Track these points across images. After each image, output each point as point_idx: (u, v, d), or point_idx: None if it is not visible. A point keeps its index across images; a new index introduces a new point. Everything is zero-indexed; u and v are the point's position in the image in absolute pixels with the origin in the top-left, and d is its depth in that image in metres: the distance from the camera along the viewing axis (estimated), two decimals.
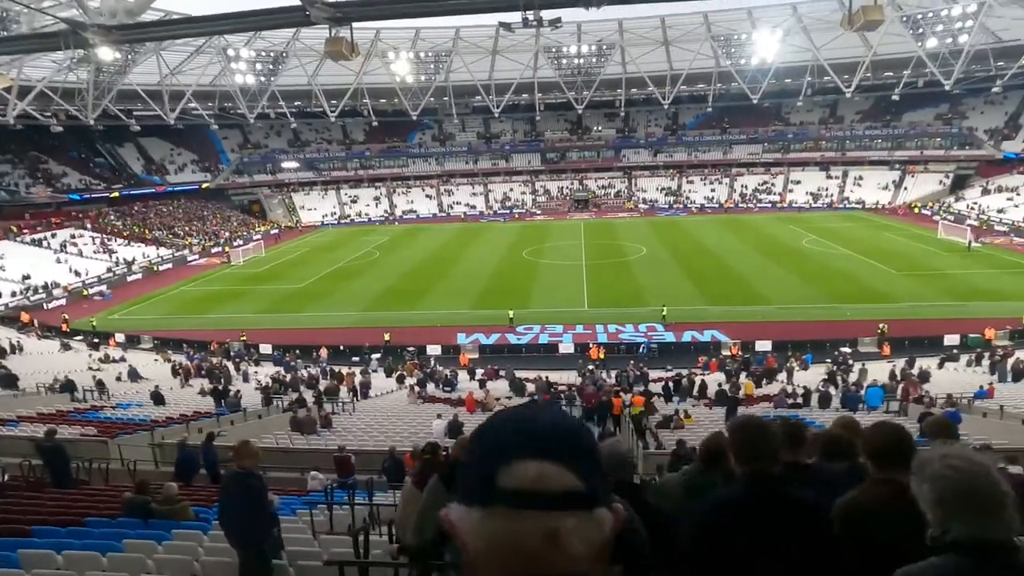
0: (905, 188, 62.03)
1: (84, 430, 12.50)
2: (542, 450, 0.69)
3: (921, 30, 55.42)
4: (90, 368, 25.24)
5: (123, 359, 25.93)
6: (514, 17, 21.74)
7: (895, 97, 61.76)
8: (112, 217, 56.37)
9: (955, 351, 25.05)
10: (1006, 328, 25.95)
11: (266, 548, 4.42)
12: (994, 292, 31.25)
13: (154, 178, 65.46)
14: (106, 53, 48.95)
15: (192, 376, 23.47)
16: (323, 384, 20.08)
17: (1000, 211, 49.59)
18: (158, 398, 17.01)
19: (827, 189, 64.88)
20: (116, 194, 58.97)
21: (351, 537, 4.69)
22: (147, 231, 54.89)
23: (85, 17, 17.56)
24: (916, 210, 57.05)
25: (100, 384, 19.06)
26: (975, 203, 53.35)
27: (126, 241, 51.54)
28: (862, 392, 17.68)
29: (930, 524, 1.45)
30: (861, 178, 64.74)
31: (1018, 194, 51.76)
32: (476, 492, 0.68)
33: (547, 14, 21.54)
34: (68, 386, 17.97)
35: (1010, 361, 21.06)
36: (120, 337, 31.45)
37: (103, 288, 41.47)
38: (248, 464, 4.31)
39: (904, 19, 55.16)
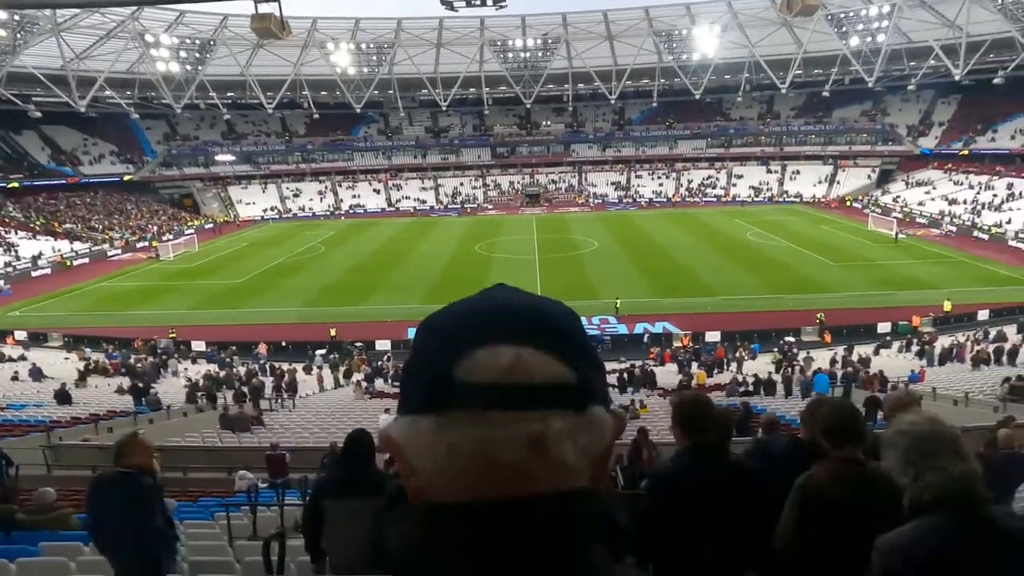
0: (838, 182, 64.74)
1: None
2: (516, 332, 0.52)
3: (844, 29, 58.56)
4: None
5: (23, 358, 23.53)
6: None
7: (825, 93, 64.61)
8: (11, 208, 51.52)
9: (887, 338, 26.14)
10: (929, 315, 27.25)
11: (163, 560, 3.45)
12: (918, 281, 32.83)
13: (64, 168, 60.43)
14: None
15: (111, 374, 21.56)
16: (261, 381, 18.66)
17: (920, 204, 52.43)
18: (64, 397, 15.29)
19: (767, 183, 66.98)
20: (15, 184, 53.84)
21: (262, 545, 3.73)
22: (56, 224, 50.65)
23: None
24: (848, 203, 59.59)
25: None
26: (898, 196, 56.21)
27: (30, 234, 47.29)
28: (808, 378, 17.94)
29: (906, 489, 1.47)
30: (798, 172, 67.15)
31: (934, 188, 54.84)
32: (424, 395, 0.51)
33: None
34: None
35: (937, 346, 21.90)
36: (21, 335, 28.62)
37: (0, 283, 37.87)
38: (135, 463, 3.33)
39: (829, 17, 57.89)
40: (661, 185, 69.34)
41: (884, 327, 26.81)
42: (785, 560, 2.05)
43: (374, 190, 69.86)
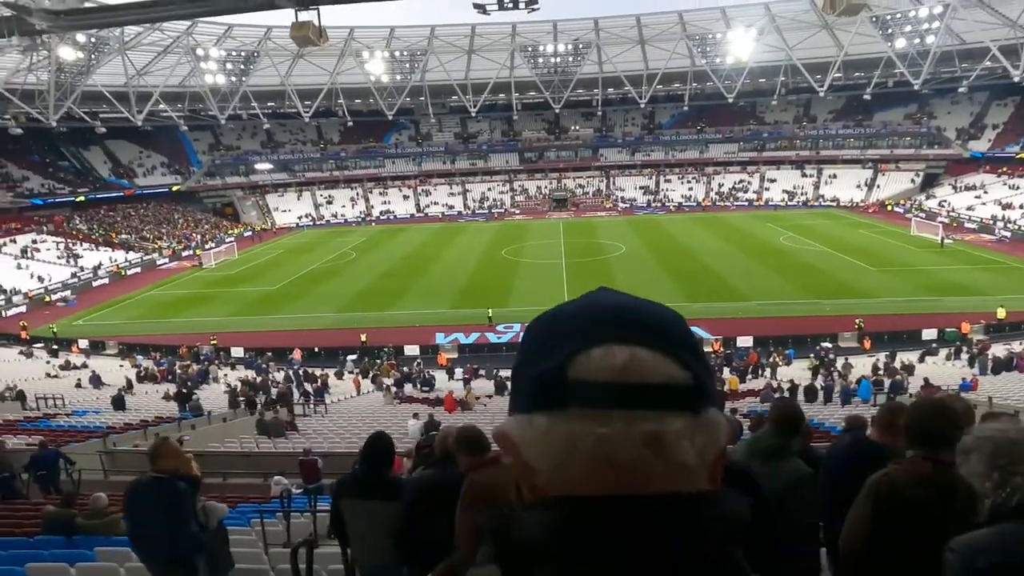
0: (878, 186, 62.93)
1: (31, 439, 11.63)
2: (629, 332, 0.53)
3: (890, 30, 56.54)
4: (48, 375, 24.13)
5: (85, 365, 24.78)
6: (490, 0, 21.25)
7: (866, 97, 62.71)
8: (77, 221, 54.41)
9: (934, 345, 25.23)
10: (981, 322, 26.28)
11: (199, 567, 3.63)
12: (966, 287, 31.64)
13: (122, 181, 63.45)
14: (67, 52, 48.04)
15: (159, 381, 22.54)
16: (289, 387, 19.26)
17: (969, 208, 50.56)
18: (119, 403, 16.11)
19: (802, 187, 65.57)
20: (81, 198, 56.92)
21: (290, 552, 3.94)
22: (114, 235, 53.08)
23: (31, 2, 16.55)
24: (889, 207, 57.87)
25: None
26: (945, 201, 54.31)
27: (92, 246, 49.75)
28: (852, 386, 17.56)
29: (988, 494, 1.42)
30: (835, 176, 65.56)
31: (985, 192, 52.80)
32: (539, 394, 0.52)
33: None
34: (19, 395, 16.94)
35: (989, 354, 21.15)
36: (83, 343, 30.20)
37: (67, 294, 39.89)
38: (167, 467, 3.51)
39: (873, 20, 56.12)
40: (691, 189, 68.57)
41: (929, 334, 25.87)
42: (856, 560, 2.03)
43: (404, 196, 70.95)
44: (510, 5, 20.60)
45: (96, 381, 20.74)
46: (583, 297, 0.60)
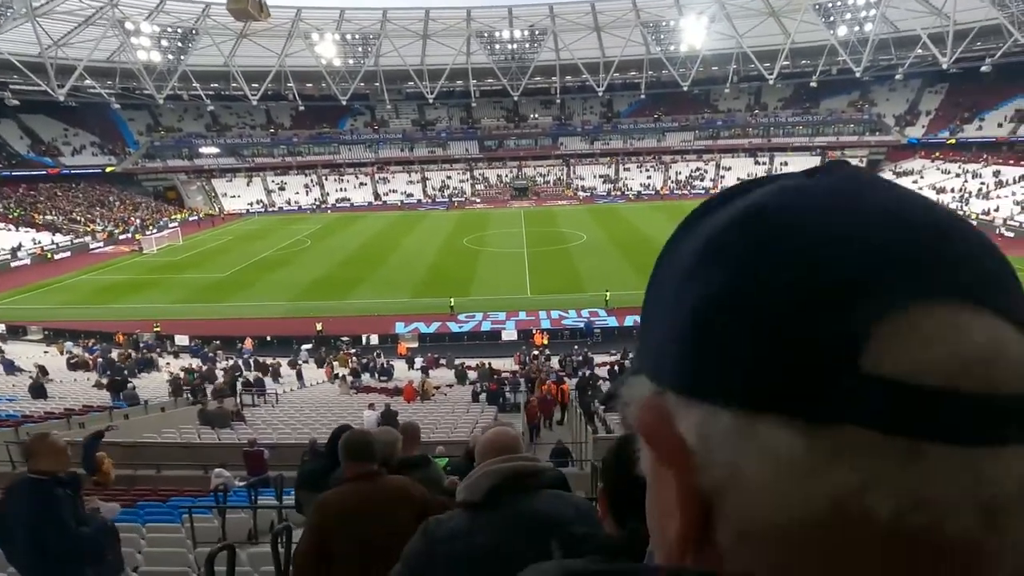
0: None
1: None
2: (977, 283, 0.26)
3: (832, 18, 58.73)
4: None
5: (0, 351, 22.85)
6: None
7: (813, 84, 64.74)
8: None
9: None
10: None
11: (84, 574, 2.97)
12: None
13: (44, 159, 59.16)
14: None
15: (91, 368, 20.98)
16: (236, 377, 18.16)
17: None
18: (38, 391, 14.75)
19: (755, 175, 65.43)
20: None
21: (205, 559, 3.29)
22: (36, 215, 49.50)
23: None
24: None
25: None
26: None
27: (9, 226, 46.21)
28: None
29: None
30: (786, 163, 67.21)
31: (921, 177, 55.17)
32: (785, 382, 0.25)
33: None
34: None
35: None
36: None
37: None
38: (44, 467, 2.85)
39: (817, 7, 57.98)
40: (649, 178, 69.20)
41: None
42: None
43: (361, 183, 69.10)
44: None
45: (9, 366, 19.09)
46: (835, 183, 0.32)
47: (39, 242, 44.25)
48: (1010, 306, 0.26)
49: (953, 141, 57.54)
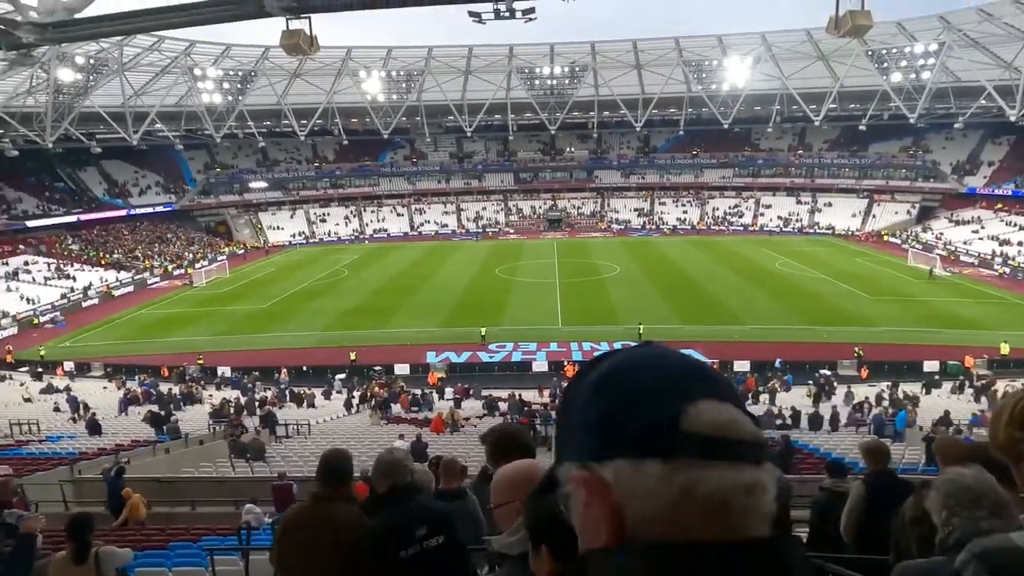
0: (873, 216, 63.18)
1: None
2: (722, 390, 0.60)
3: (886, 64, 57.05)
4: (25, 400, 23.32)
5: (68, 388, 23.98)
6: (485, 8, 21.20)
7: (862, 128, 63.26)
8: (70, 242, 53.76)
9: (936, 377, 24.82)
10: (984, 357, 25.99)
11: None
12: (966, 320, 31.37)
13: (116, 201, 62.92)
14: (66, 74, 47.95)
15: (141, 403, 21.83)
16: (276, 407, 18.61)
17: (965, 243, 50.77)
18: (94, 427, 15.40)
19: (797, 214, 65.77)
20: (75, 219, 56.40)
21: None
22: (104, 256, 52.40)
23: (17, 15, 16.28)
24: (885, 238, 58.06)
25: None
26: (941, 233, 54.52)
27: (82, 266, 49.00)
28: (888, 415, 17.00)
29: (938, 530, 1.64)
30: (830, 204, 65.85)
31: (982, 227, 52.99)
32: (650, 441, 0.55)
33: (519, 4, 21.01)
34: None
35: (999, 390, 20.77)
36: (69, 365, 29.41)
37: (56, 315, 39.00)
38: None
39: (869, 53, 56.79)
40: (685, 212, 68.69)
41: (931, 365, 25.57)
42: None
43: (398, 214, 70.75)
44: (506, 15, 20.54)
45: (74, 404, 19.96)
46: (644, 351, 0.65)
47: (106, 280, 46.62)
48: (734, 398, 0.59)
49: (1009, 192, 54.86)
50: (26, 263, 46.79)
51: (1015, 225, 51.11)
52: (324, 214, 70.29)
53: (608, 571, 0.56)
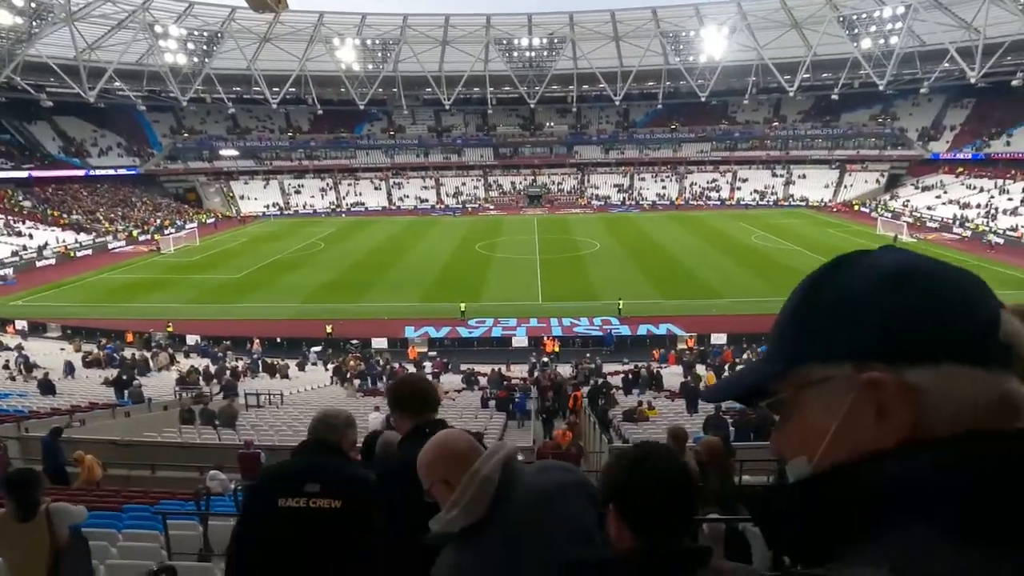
0: (845, 186, 64.02)
1: None
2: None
3: (856, 31, 57.80)
4: None
5: (20, 348, 23.05)
6: None
7: (834, 97, 63.91)
8: (21, 198, 51.25)
9: None
10: None
11: None
12: None
13: (73, 159, 60.21)
14: (3, 16, 44.89)
15: (103, 366, 21.07)
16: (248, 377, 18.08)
17: (929, 208, 51.75)
18: (47, 387, 14.74)
19: (773, 187, 66.28)
20: (26, 174, 53.64)
21: None
22: (61, 216, 50.30)
23: None
24: (856, 207, 58.91)
25: None
26: (908, 201, 55.52)
27: (37, 224, 46.97)
28: None
29: None
30: (804, 176, 66.47)
31: (945, 192, 54.14)
32: (977, 346, 0.52)
33: None
34: None
35: None
36: (21, 324, 28.25)
37: (7, 272, 37.49)
38: None
39: (841, 19, 57.17)
40: (664, 188, 68.75)
41: None
42: None
43: (375, 188, 69.45)
44: None
45: (27, 363, 19.16)
46: (912, 253, 0.59)
47: (63, 241, 44.89)
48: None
49: (980, 157, 56.31)
50: None
51: (975, 188, 52.23)
52: (299, 185, 68.65)
53: (909, 468, 0.50)
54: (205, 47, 59.08)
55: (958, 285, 0.54)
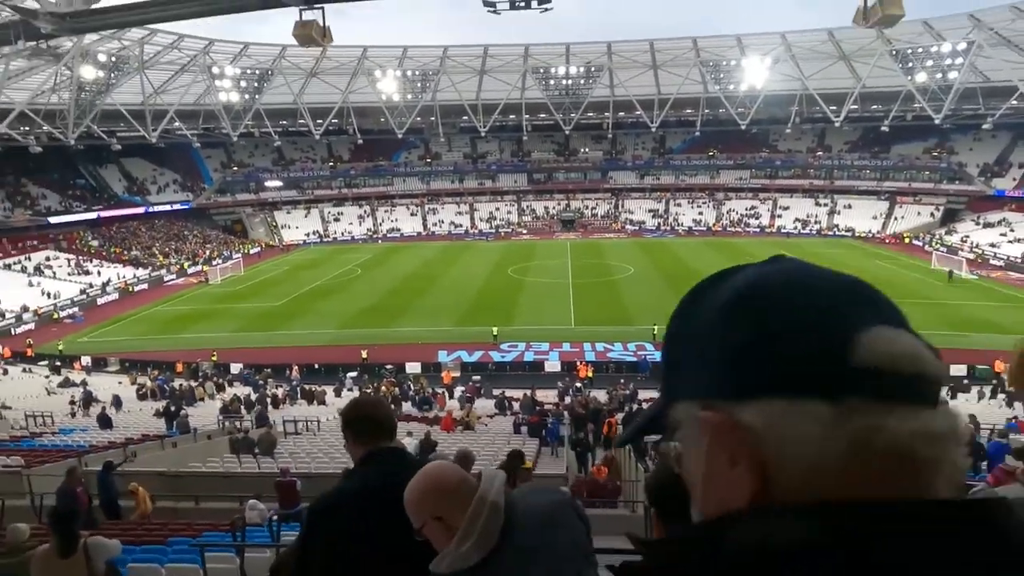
0: (895, 218, 62.04)
1: (9, 460, 10.95)
2: (894, 314, 0.47)
3: (911, 64, 55.70)
4: (47, 392, 23.60)
5: (84, 383, 24.23)
6: None
7: (884, 129, 62.11)
8: (90, 238, 54.57)
9: (964, 382, 24.20)
10: None
11: None
12: (995, 324, 30.39)
13: (135, 198, 63.80)
14: (88, 71, 48.73)
15: (157, 398, 21.93)
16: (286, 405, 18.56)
17: (993, 245, 49.64)
18: (105, 422, 15.45)
19: (815, 216, 64.81)
20: (95, 215, 57.33)
21: None
22: (122, 252, 53.10)
23: (36, 4, 16.50)
24: (907, 240, 57.00)
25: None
26: (967, 236, 53.36)
27: (102, 263, 49.70)
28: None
29: None
30: (849, 206, 64.77)
31: (1012, 230, 51.72)
32: (812, 377, 0.43)
33: None
34: None
35: None
36: (85, 360, 29.78)
37: (75, 310, 39.58)
38: None
39: (893, 53, 55.56)
40: (701, 214, 68.00)
41: (957, 370, 24.87)
42: None
43: (411, 214, 70.89)
44: (522, 4, 20.46)
45: (88, 398, 20.07)
46: (786, 264, 0.52)
47: (123, 277, 47.29)
48: (908, 325, 0.47)
49: None
50: (47, 259, 47.57)
51: None
52: (338, 213, 70.61)
53: (757, 540, 0.42)
54: (256, 84, 61.95)
55: (807, 304, 0.46)
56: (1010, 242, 49.52)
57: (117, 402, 19.58)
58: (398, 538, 1.41)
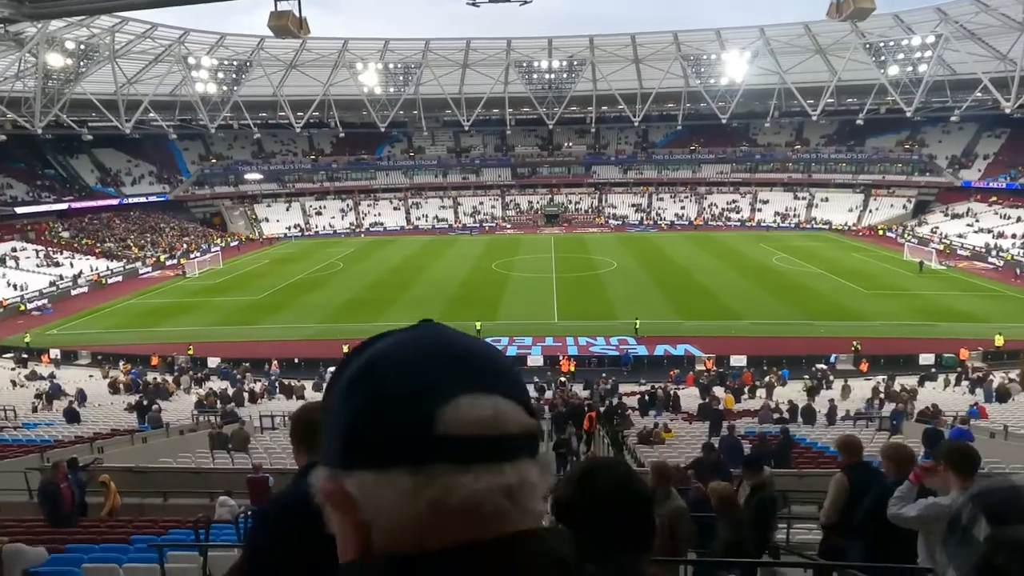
0: (870, 211, 62.98)
1: None
2: (486, 379, 0.53)
3: (883, 57, 56.92)
4: (14, 384, 22.98)
5: (52, 376, 23.60)
6: None
7: (859, 122, 63.03)
8: (60, 229, 53.15)
9: (932, 370, 24.80)
10: (978, 349, 25.88)
11: None
12: (962, 313, 31.25)
13: (108, 189, 62.27)
14: (56, 59, 47.32)
15: (130, 391, 21.47)
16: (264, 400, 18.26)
17: (960, 236, 50.62)
18: (72, 415, 15.04)
19: (794, 209, 65.51)
20: (66, 206, 55.75)
21: None
22: (95, 244, 51.86)
23: None
24: (881, 232, 57.88)
25: None
26: (936, 227, 54.41)
27: (73, 254, 48.50)
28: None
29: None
30: (827, 199, 65.59)
31: (977, 220, 52.93)
32: (399, 448, 0.49)
33: None
34: None
35: (995, 382, 20.47)
36: (55, 353, 29.03)
37: (44, 302, 38.60)
38: None
39: (867, 47, 56.52)
40: (683, 208, 68.41)
41: (927, 358, 25.63)
42: None
43: (394, 208, 70.31)
44: None
45: (56, 392, 19.53)
46: (415, 333, 0.57)
47: (96, 269, 46.19)
48: (506, 389, 0.53)
49: (1004, 185, 54.75)
50: (14, 249, 46.21)
51: (1009, 218, 51.02)
52: (320, 207, 69.80)
53: None
54: (234, 75, 60.83)
55: (409, 379, 0.51)
56: (975, 232, 50.59)
57: (82, 396, 19.07)
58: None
